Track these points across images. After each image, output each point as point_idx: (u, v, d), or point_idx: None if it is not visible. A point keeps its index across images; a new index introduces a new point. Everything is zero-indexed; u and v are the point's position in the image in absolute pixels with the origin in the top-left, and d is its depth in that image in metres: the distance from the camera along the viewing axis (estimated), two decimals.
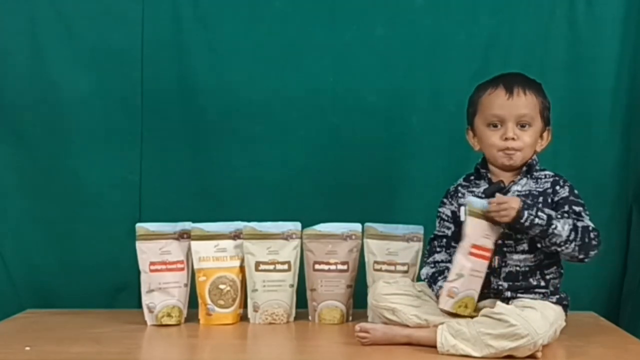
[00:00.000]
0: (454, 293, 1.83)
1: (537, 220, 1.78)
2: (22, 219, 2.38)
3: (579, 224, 1.81)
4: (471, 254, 1.83)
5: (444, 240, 1.99)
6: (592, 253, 1.82)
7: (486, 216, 1.83)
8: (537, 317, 1.73)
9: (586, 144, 2.36)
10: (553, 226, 1.78)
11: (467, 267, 1.82)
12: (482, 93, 1.93)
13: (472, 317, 1.83)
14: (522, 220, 1.78)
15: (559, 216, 1.81)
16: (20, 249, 2.38)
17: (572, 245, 1.79)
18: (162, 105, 2.38)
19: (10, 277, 2.37)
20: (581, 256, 1.81)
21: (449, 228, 1.98)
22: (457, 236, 1.92)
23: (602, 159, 2.36)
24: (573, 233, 1.79)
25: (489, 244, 1.84)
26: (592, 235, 1.81)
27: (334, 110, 2.38)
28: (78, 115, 2.37)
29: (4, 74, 2.37)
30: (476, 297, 1.84)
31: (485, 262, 1.84)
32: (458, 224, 1.94)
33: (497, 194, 1.85)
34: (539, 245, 1.84)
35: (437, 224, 2.00)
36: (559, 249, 1.81)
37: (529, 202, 1.81)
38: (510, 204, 1.79)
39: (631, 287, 2.33)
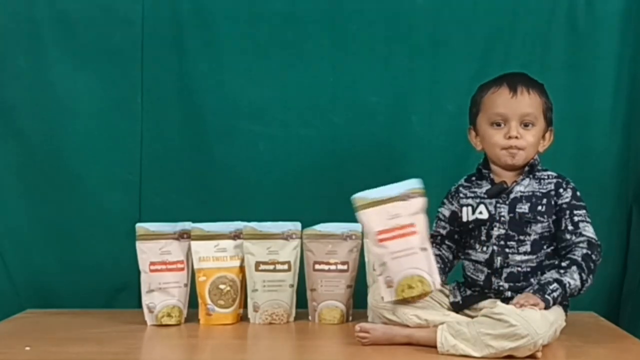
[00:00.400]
0: (390, 282, 1.83)
1: (556, 294, 1.77)
2: (22, 219, 2.38)
3: (578, 252, 1.83)
4: (381, 240, 1.85)
5: (439, 238, 2.01)
6: (598, 265, 1.84)
7: (380, 200, 1.86)
8: (537, 317, 1.72)
9: (586, 144, 2.36)
10: (567, 285, 1.79)
11: (385, 254, 1.84)
12: (485, 92, 1.93)
13: (426, 293, 1.84)
14: (550, 303, 1.77)
15: (562, 270, 1.81)
16: (20, 249, 2.38)
17: (588, 282, 1.82)
18: (162, 105, 2.38)
19: (10, 277, 2.38)
20: (593, 279, 1.83)
21: (444, 228, 2.01)
22: (453, 234, 1.97)
23: (602, 159, 2.36)
24: (582, 274, 1.81)
25: (402, 221, 1.85)
26: (593, 257, 1.84)
27: (334, 110, 2.38)
28: (78, 115, 2.37)
29: (4, 74, 2.37)
30: (424, 273, 1.83)
31: (410, 238, 1.84)
32: (456, 223, 1.97)
33: (513, 305, 1.78)
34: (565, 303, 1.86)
35: (434, 224, 2.02)
36: (580, 294, 1.83)
37: (536, 287, 1.79)
38: (533, 301, 1.75)
39: (631, 287, 2.33)
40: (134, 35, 2.36)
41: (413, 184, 1.90)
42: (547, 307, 1.75)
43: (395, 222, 1.85)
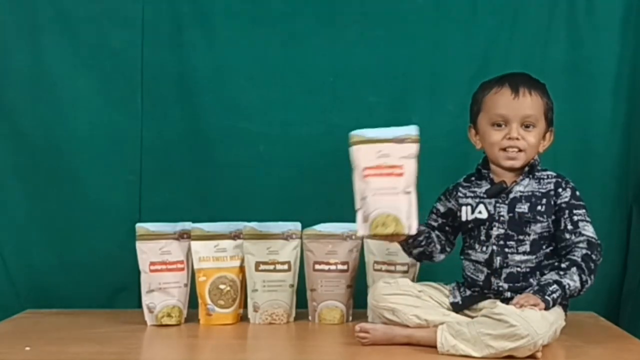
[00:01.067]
0: (366, 216, 1.82)
1: (556, 295, 1.77)
2: (22, 219, 2.38)
3: (578, 252, 1.83)
4: (365, 176, 1.83)
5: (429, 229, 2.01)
6: (598, 265, 1.84)
7: (376, 139, 1.85)
8: (537, 318, 1.72)
9: (586, 144, 2.36)
10: (566, 286, 1.79)
11: (368, 188, 1.82)
12: (487, 92, 1.92)
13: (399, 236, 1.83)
14: (549, 304, 1.76)
15: (561, 272, 1.81)
16: (20, 249, 2.38)
17: (588, 283, 1.81)
18: (162, 105, 2.38)
19: (10, 277, 2.38)
20: (594, 279, 1.83)
21: (435, 221, 2.01)
22: (443, 227, 1.98)
23: (602, 159, 2.36)
24: (582, 275, 1.80)
25: (391, 161, 1.83)
26: (593, 257, 1.83)
27: (334, 110, 2.38)
28: (78, 115, 2.37)
29: (4, 73, 2.37)
30: (402, 215, 1.80)
31: (395, 178, 1.82)
32: (449, 219, 1.98)
33: (512, 305, 1.77)
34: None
35: (427, 217, 2.02)
36: (580, 294, 1.82)
37: (536, 288, 1.79)
38: (533, 301, 1.75)
39: (631, 287, 2.33)
40: (134, 35, 2.36)
41: (410, 130, 1.86)
42: (547, 308, 1.75)
43: (383, 161, 1.84)
